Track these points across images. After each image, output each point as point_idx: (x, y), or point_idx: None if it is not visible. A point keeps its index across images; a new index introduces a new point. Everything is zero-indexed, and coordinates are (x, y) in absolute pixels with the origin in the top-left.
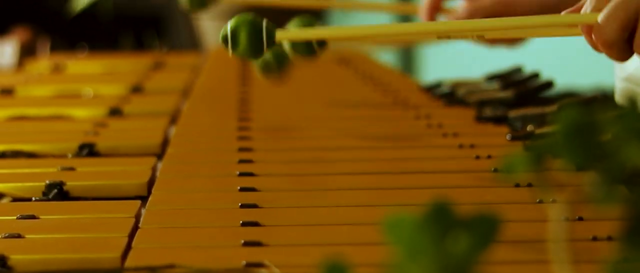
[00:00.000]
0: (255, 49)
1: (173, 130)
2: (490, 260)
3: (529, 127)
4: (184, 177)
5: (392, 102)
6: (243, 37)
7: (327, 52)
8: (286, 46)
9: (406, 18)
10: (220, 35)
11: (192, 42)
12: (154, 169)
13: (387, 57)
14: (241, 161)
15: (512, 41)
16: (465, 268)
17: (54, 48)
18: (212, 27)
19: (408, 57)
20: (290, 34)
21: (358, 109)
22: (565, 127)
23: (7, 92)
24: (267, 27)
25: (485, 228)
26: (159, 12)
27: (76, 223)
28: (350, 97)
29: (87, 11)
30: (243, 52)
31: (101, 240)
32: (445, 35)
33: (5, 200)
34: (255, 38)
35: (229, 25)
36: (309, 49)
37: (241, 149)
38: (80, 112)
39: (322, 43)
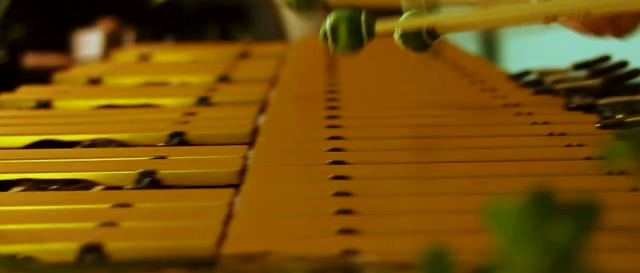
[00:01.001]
0: (356, 43)
1: (262, 119)
2: (592, 247)
3: (619, 115)
4: (275, 165)
5: (480, 91)
6: (343, 32)
7: None
8: (397, 41)
9: None
10: (320, 32)
11: (276, 32)
12: (244, 158)
13: (470, 47)
14: (332, 149)
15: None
16: (569, 254)
17: (140, 38)
18: (297, 16)
19: (491, 47)
20: (389, 25)
21: (446, 97)
22: None
23: (95, 81)
24: (366, 21)
25: (587, 215)
26: (243, 2)
27: (170, 212)
28: (438, 85)
29: (172, 2)
30: (344, 47)
31: (195, 228)
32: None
33: (97, 189)
34: (354, 32)
35: (328, 21)
36: (420, 43)
37: (331, 138)
38: (168, 101)
39: (433, 35)
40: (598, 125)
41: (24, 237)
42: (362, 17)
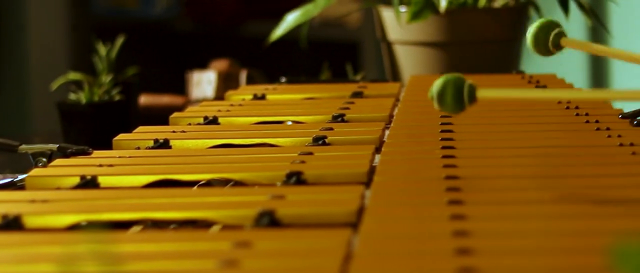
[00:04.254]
0: (459, 107)
1: (378, 159)
2: None
3: None
4: (392, 205)
5: (595, 130)
6: (449, 97)
7: (525, 78)
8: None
9: None
10: (429, 94)
11: (389, 70)
12: (362, 197)
13: (581, 82)
14: (449, 189)
15: None
16: None
17: (252, 78)
18: (408, 55)
19: (602, 82)
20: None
21: (560, 136)
22: None
23: (211, 121)
24: (468, 88)
25: None
26: (356, 41)
27: (290, 251)
28: (552, 124)
29: (284, 41)
30: (448, 109)
31: (315, 268)
32: None
33: (215, 228)
34: (458, 96)
35: (436, 86)
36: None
37: (448, 177)
38: (284, 141)
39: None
40: None
41: None
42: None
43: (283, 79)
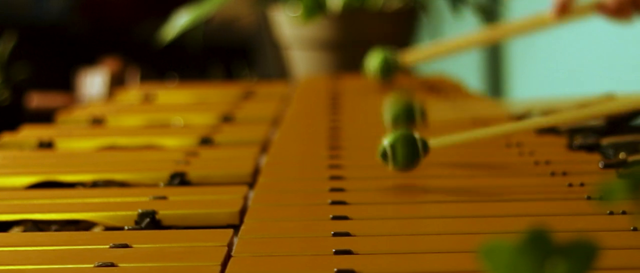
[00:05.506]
0: (413, 161)
1: (264, 159)
2: None
3: (622, 155)
4: (275, 205)
5: None
6: (400, 152)
7: (417, 79)
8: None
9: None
10: (379, 152)
11: (281, 72)
12: (245, 198)
13: (474, 79)
14: (333, 189)
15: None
16: None
17: (144, 78)
18: (301, 57)
19: (495, 79)
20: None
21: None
22: None
23: (98, 121)
24: (421, 139)
25: (583, 255)
26: (248, 42)
27: (169, 252)
28: (441, 125)
29: (177, 41)
30: (402, 165)
31: (194, 269)
32: None
33: (97, 229)
34: (412, 151)
35: (386, 141)
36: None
37: (332, 178)
38: (171, 142)
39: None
40: (601, 165)
41: None
42: (417, 136)
43: (174, 79)
